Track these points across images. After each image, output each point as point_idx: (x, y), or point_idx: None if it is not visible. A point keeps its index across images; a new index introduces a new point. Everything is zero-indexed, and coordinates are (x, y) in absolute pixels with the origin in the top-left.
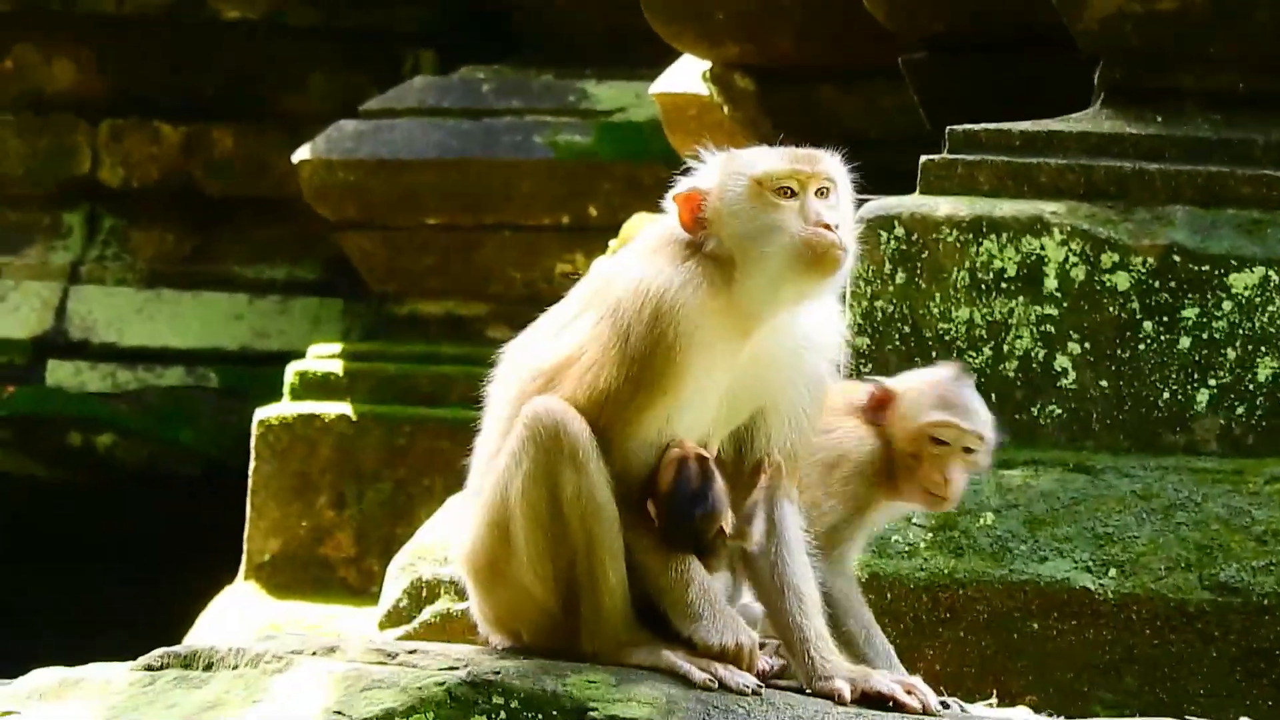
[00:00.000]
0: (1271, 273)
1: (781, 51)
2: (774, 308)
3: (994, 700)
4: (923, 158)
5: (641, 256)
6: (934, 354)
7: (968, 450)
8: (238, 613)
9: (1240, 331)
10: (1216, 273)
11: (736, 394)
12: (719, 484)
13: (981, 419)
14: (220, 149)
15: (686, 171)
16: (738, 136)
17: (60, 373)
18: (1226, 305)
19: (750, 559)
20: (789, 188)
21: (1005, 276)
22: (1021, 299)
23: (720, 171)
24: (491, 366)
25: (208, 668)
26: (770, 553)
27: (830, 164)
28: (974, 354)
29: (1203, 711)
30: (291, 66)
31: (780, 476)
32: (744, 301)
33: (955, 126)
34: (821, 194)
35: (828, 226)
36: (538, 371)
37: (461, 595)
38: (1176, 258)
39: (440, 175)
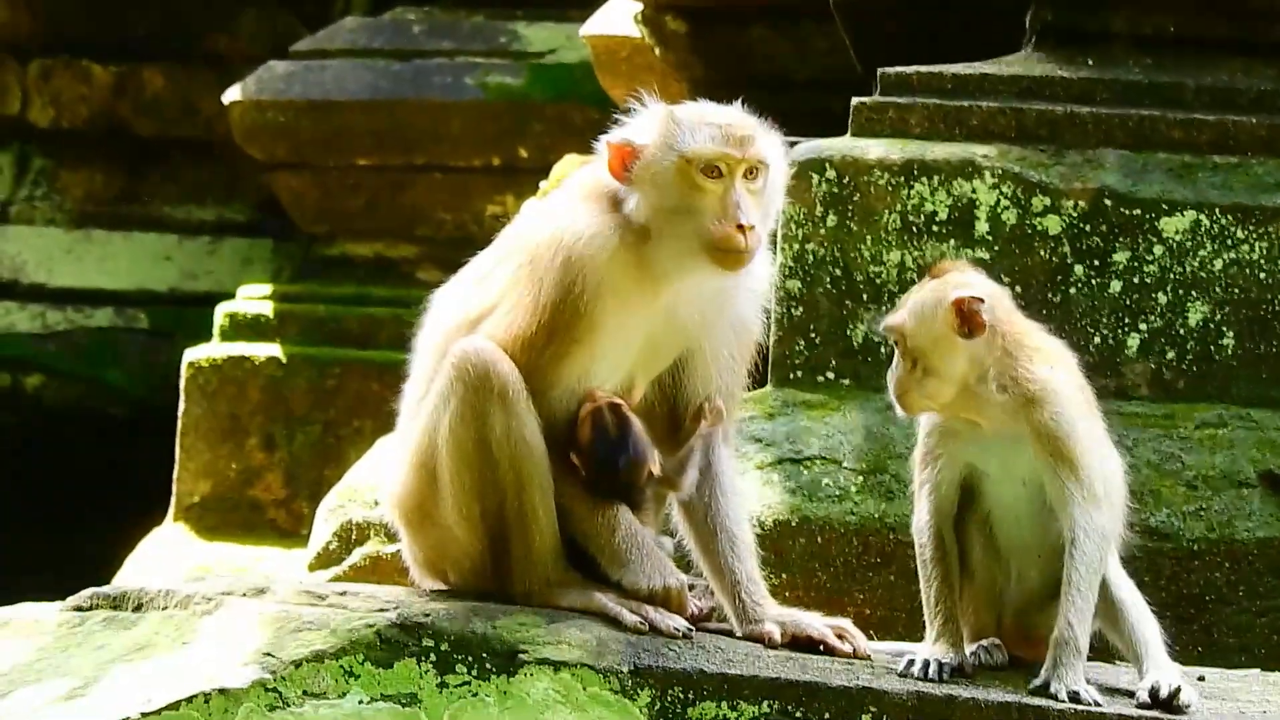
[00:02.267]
0: (1202, 217)
1: None
2: (680, 277)
3: None
4: (854, 100)
5: (565, 204)
6: (865, 297)
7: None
8: (166, 554)
9: (1171, 276)
10: (1147, 217)
11: (657, 341)
12: (638, 429)
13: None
14: (150, 89)
15: (626, 113)
16: (669, 79)
17: None
18: (1157, 249)
19: (685, 501)
20: (717, 168)
21: (936, 220)
22: (953, 242)
23: (656, 131)
24: (421, 308)
25: (137, 609)
26: (704, 495)
27: (762, 146)
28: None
29: None
30: (222, 6)
31: (717, 421)
32: (653, 264)
33: (886, 69)
34: (750, 174)
35: (741, 228)
36: (463, 318)
37: (391, 538)
38: (1107, 201)
39: (371, 116)
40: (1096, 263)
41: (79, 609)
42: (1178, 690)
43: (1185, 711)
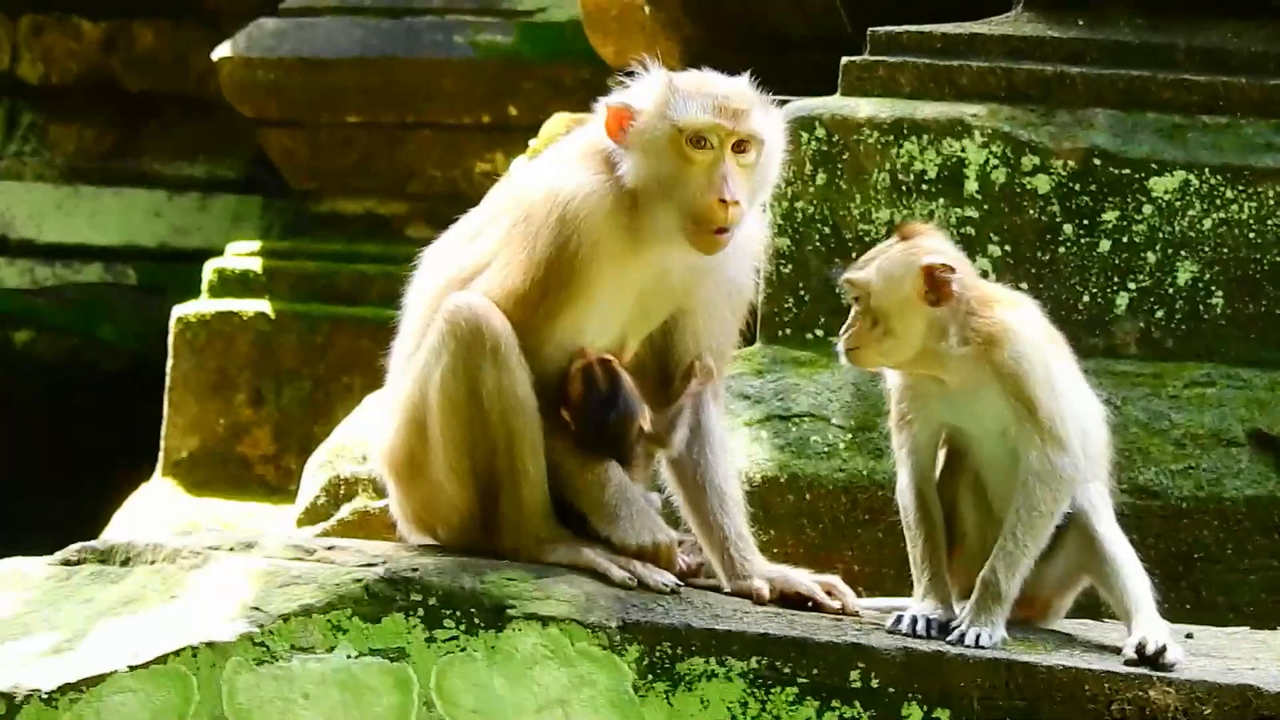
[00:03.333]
0: (1191, 176)
1: None
2: (667, 243)
3: None
4: (844, 59)
5: (560, 162)
6: (854, 255)
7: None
8: (154, 510)
9: (1160, 235)
10: (1137, 176)
11: (649, 299)
12: (628, 384)
13: None
14: (141, 45)
15: (616, 73)
16: (660, 37)
17: None
18: (1147, 209)
19: (674, 458)
20: (706, 139)
21: (926, 178)
22: (942, 201)
23: (653, 98)
24: (411, 265)
25: (125, 563)
26: (694, 452)
27: (756, 120)
28: None
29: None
30: None
31: (708, 379)
32: (643, 227)
33: (877, 28)
34: (741, 148)
35: (724, 203)
36: (455, 275)
37: (379, 493)
38: (1097, 161)
39: (361, 74)
40: (1086, 222)
41: (67, 563)
42: (1163, 648)
43: (1171, 669)
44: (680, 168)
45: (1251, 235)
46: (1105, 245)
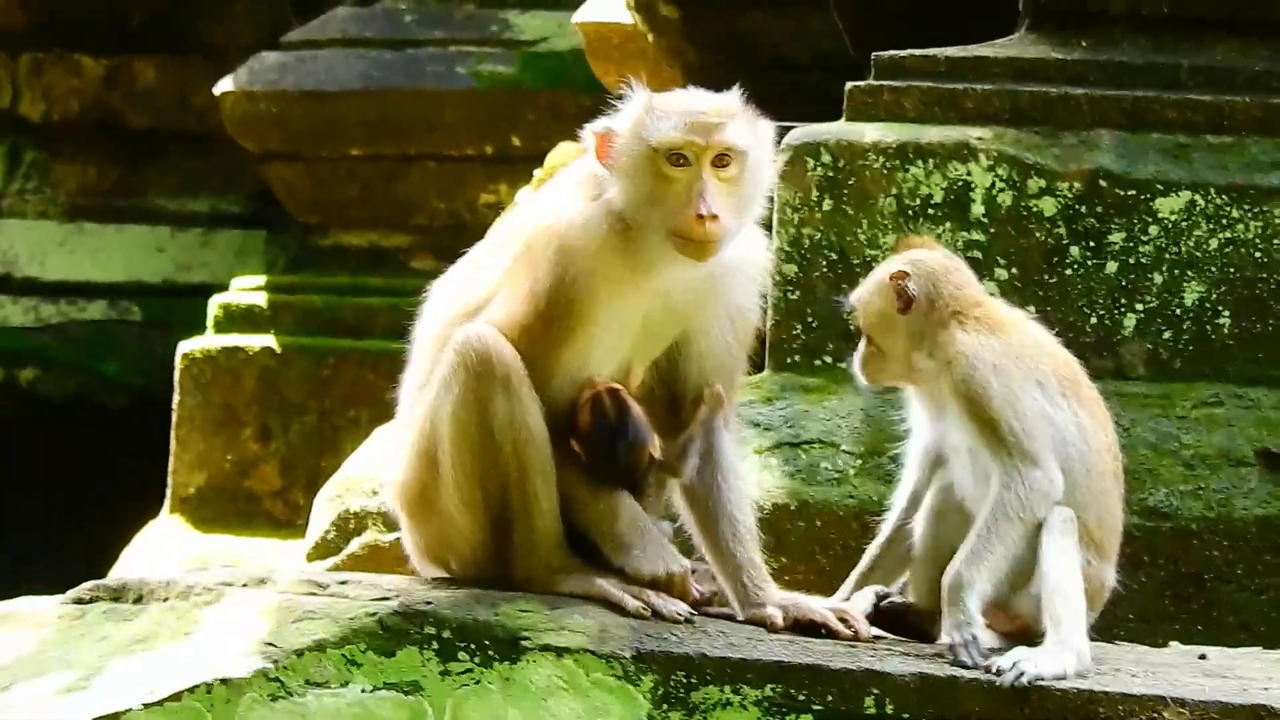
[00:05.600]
0: (1197, 197)
1: None
2: (663, 264)
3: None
4: (848, 84)
5: (558, 192)
6: (861, 280)
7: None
8: (162, 547)
9: (1167, 256)
10: (1143, 197)
11: (652, 325)
12: (637, 413)
13: None
14: (142, 81)
15: (618, 100)
16: (662, 65)
17: None
18: (1153, 230)
19: (686, 486)
20: (683, 156)
21: (932, 203)
22: (948, 225)
23: (633, 120)
24: (416, 297)
25: (138, 600)
26: (705, 480)
27: (732, 132)
28: None
29: (1132, 636)
30: None
31: (718, 406)
32: (638, 251)
33: (881, 53)
34: (721, 161)
35: (701, 218)
36: (462, 308)
37: (389, 526)
38: (1103, 182)
39: (363, 106)
40: (1092, 244)
41: (79, 601)
42: (1021, 675)
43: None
44: (659, 186)
45: (1258, 254)
46: (1112, 266)
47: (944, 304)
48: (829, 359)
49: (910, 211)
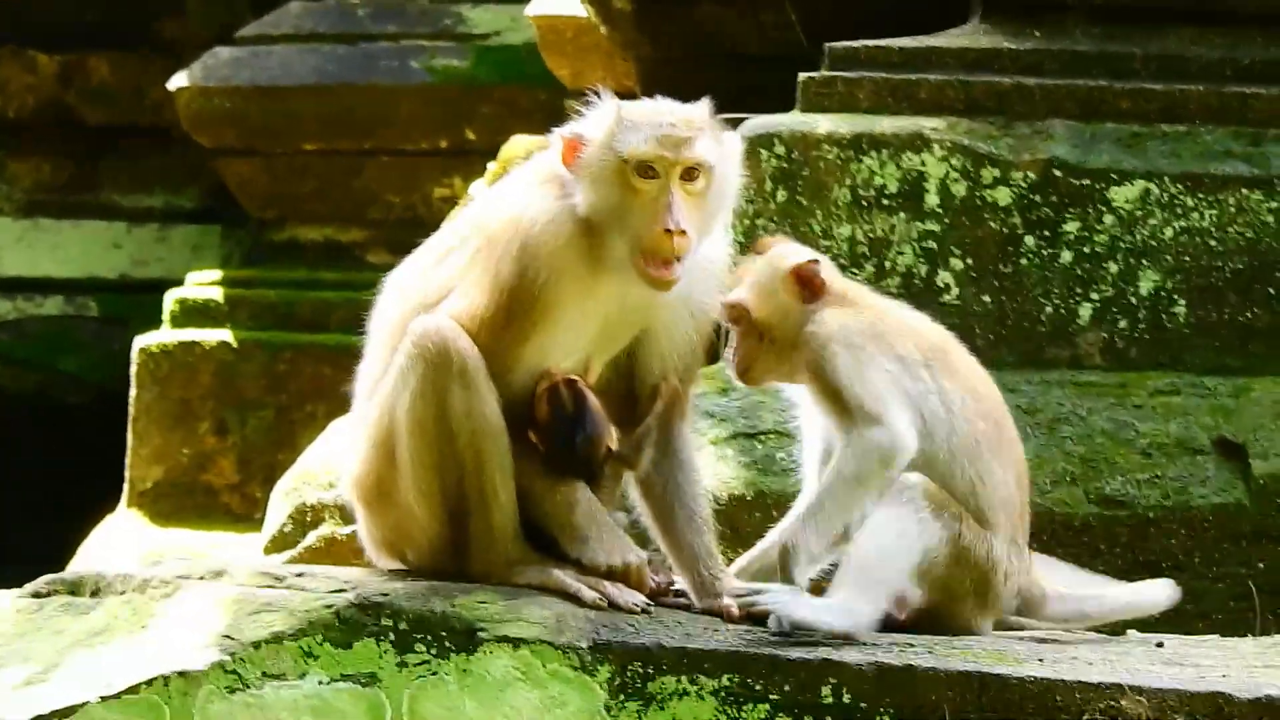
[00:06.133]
0: (1151, 186)
1: None
2: (622, 273)
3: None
4: (801, 75)
5: (522, 188)
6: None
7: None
8: (120, 541)
9: (1121, 245)
10: (1097, 187)
11: (612, 323)
12: (594, 406)
13: None
14: (97, 77)
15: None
16: (616, 58)
17: None
18: (1107, 219)
19: (643, 478)
20: (652, 169)
21: (886, 193)
22: (903, 215)
23: (603, 129)
24: (372, 291)
25: (94, 594)
26: (662, 471)
27: (702, 147)
28: (856, 271)
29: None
30: None
31: (676, 400)
32: (601, 255)
33: (834, 44)
34: (689, 176)
35: (669, 232)
36: (420, 300)
37: (346, 519)
38: (1057, 172)
39: (318, 101)
40: (1047, 233)
41: (36, 595)
42: (779, 623)
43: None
44: (627, 198)
45: (1213, 243)
46: (1067, 256)
47: (831, 294)
48: None
49: (864, 202)
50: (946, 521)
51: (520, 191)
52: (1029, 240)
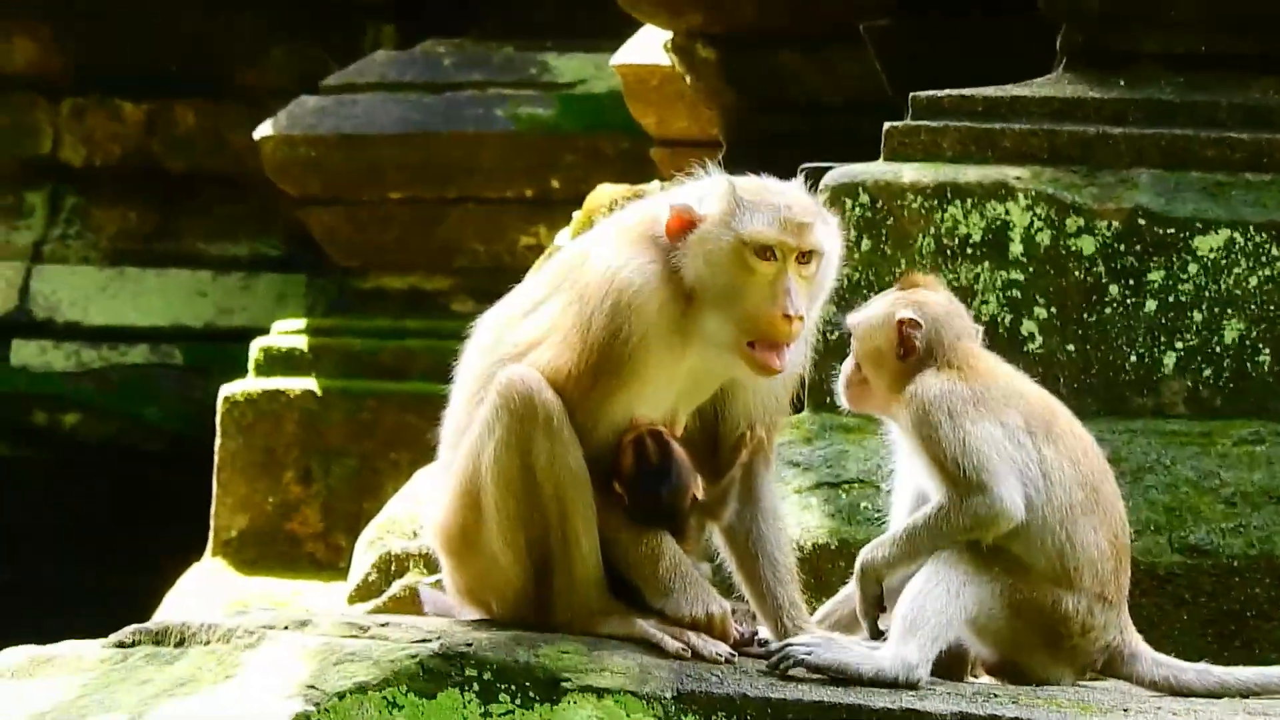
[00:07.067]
0: (1236, 235)
1: (743, 19)
2: (720, 349)
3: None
4: (886, 124)
5: (616, 242)
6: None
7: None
8: (205, 589)
9: (1206, 294)
10: (1181, 235)
11: (699, 376)
12: (680, 456)
13: None
14: (182, 126)
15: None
16: (699, 106)
17: (24, 352)
18: (1192, 268)
19: (727, 527)
20: (771, 251)
21: (970, 242)
22: (987, 264)
23: (716, 206)
24: (456, 339)
25: (179, 644)
26: (746, 521)
27: (819, 232)
28: None
29: None
30: (251, 41)
31: (761, 449)
32: (696, 322)
33: (918, 93)
34: (804, 259)
35: (789, 317)
36: (508, 350)
37: (431, 568)
38: (1141, 221)
39: (402, 149)
40: (1131, 282)
41: (121, 645)
42: (785, 657)
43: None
44: (743, 279)
45: None
46: (1151, 305)
47: (940, 352)
48: None
49: (949, 251)
50: (997, 575)
51: (613, 249)
52: (1113, 289)
